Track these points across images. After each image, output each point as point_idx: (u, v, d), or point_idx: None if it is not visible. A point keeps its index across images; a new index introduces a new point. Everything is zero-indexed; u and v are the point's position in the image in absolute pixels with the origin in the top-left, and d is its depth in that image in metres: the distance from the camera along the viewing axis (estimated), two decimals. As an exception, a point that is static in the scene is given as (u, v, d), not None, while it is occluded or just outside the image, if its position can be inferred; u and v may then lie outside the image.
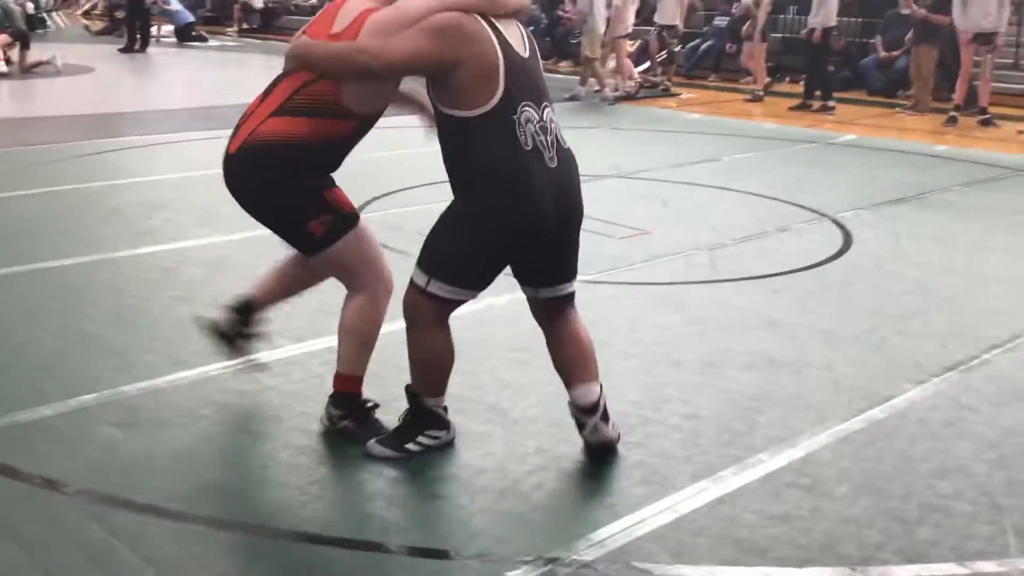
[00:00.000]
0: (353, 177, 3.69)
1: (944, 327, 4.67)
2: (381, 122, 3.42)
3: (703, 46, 15.64)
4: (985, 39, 10.78)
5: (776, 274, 5.47)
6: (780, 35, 15.41)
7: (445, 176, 3.25)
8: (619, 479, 3.24)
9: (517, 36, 3.12)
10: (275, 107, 3.18)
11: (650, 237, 6.17)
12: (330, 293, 4.87)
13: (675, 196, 7.36)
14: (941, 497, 3.14)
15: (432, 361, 3.22)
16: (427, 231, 3.26)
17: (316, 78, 3.12)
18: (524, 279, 3.29)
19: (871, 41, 13.89)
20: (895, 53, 13.20)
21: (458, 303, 3.20)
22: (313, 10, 21.32)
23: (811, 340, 4.49)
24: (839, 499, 3.11)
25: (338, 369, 3.41)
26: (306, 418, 3.54)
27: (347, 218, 3.33)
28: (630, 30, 12.98)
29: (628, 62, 13.13)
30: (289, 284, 3.66)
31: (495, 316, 4.64)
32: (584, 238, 4.24)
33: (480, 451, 3.37)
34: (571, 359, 3.32)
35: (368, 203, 6.84)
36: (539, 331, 4.10)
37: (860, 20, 13.93)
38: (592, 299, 4.97)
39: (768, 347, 4.38)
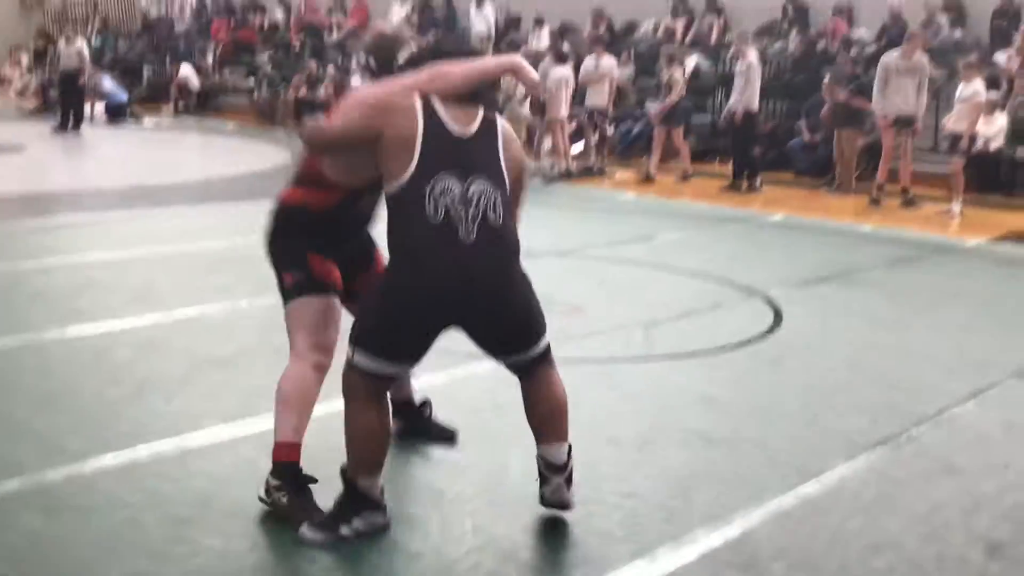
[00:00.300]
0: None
1: (873, 402, 4.76)
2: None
3: (635, 129, 16.01)
4: (905, 123, 11.23)
5: (710, 351, 5.55)
6: (709, 117, 15.88)
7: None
8: (558, 559, 3.22)
9: (463, 116, 3.21)
10: (291, 177, 3.63)
11: (586, 315, 6.23)
12: (260, 376, 4.82)
13: (610, 274, 7.46)
14: (874, 573, 3.17)
15: (366, 438, 3.19)
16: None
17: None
18: (483, 348, 3.36)
19: (797, 123, 14.36)
20: (818, 137, 13.66)
21: (386, 377, 3.22)
22: (249, 92, 21.48)
23: (745, 416, 4.54)
24: (775, 577, 3.13)
25: (275, 439, 3.39)
26: (237, 504, 3.46)
27: (315, 284, 3.48)
28: (564, 112, 13.27)
29: (565, 142, 13.41)
30: None
31: (430, 394, 4.61)
32: None
33: (416, 534, 3.33)
34: (542, 417, 3.39)
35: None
36: (475, 408, 4.09)
37: (786, 103, 14.41)
38: (529, 378, 5.00)
39: (703, 424, 4.42)
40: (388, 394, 3.33)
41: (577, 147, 13.72)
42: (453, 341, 5.53)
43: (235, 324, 5.70)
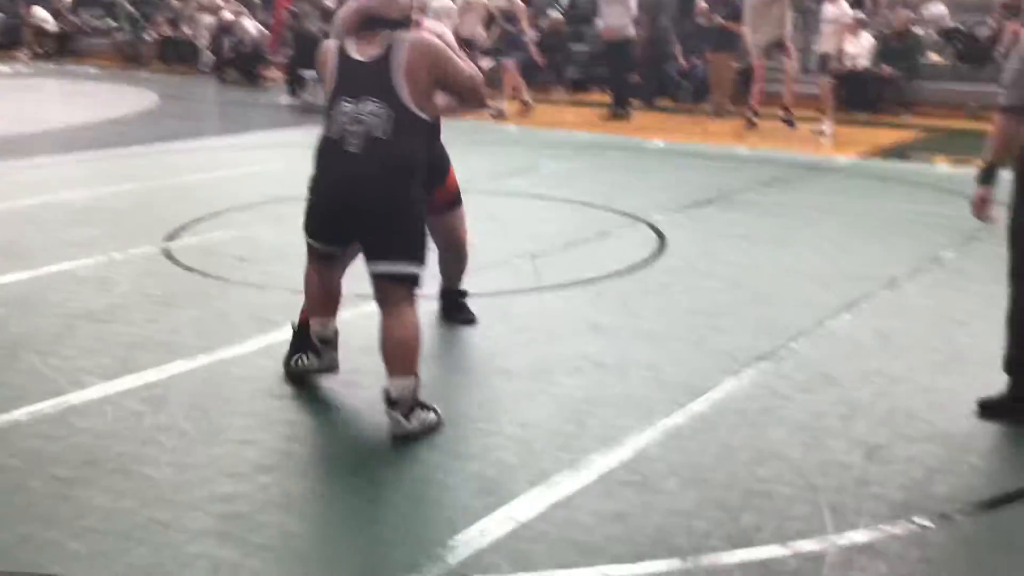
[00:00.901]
0: (166, 203, 3.53)
1: (755, 320, 4.91)
2: (194, 144, 3.30)
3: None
4: (775, 45, 11.45)
5: (597, 279, 5.62)
6: (587, 48, 15.89)
7: (261, 199, 3.19)
8: (458, 492, 3.24)
9: (366, 47, 3.67)
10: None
11: (473, 249, 6.21)
12: (138, 328, 4.68)
13: (496, 207, 7.44)
14: (761, 482, 3.29)
15: (308, 288, 4.02)
16: (243, 254, 3.18)
17: None
18: (361, 247, 3.84)
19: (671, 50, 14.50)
20: (695, 61, 13.84)
21: (315, 250, 3.89)
22: (108, 33, 20.44)
23: (634, 341, 4.63)
24: (668, 493, 3.22)
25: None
26: (123, 460, 3.36)
27: None
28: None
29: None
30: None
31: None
32: None
33: (315, 475, 3.30)
34: (384, 352, 3.69)
35: (183, 227, 6.60)
36: (368, 350, 4.05)
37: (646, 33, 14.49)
38: (420, 314, 4.97)
39: (594, 350, 4.49)
40: (333, 265, 3.96)
41: None
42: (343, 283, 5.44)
43: (108, 277, 5.48)
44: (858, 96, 12.91)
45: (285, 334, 4.25)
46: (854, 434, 3.66)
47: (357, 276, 3.97)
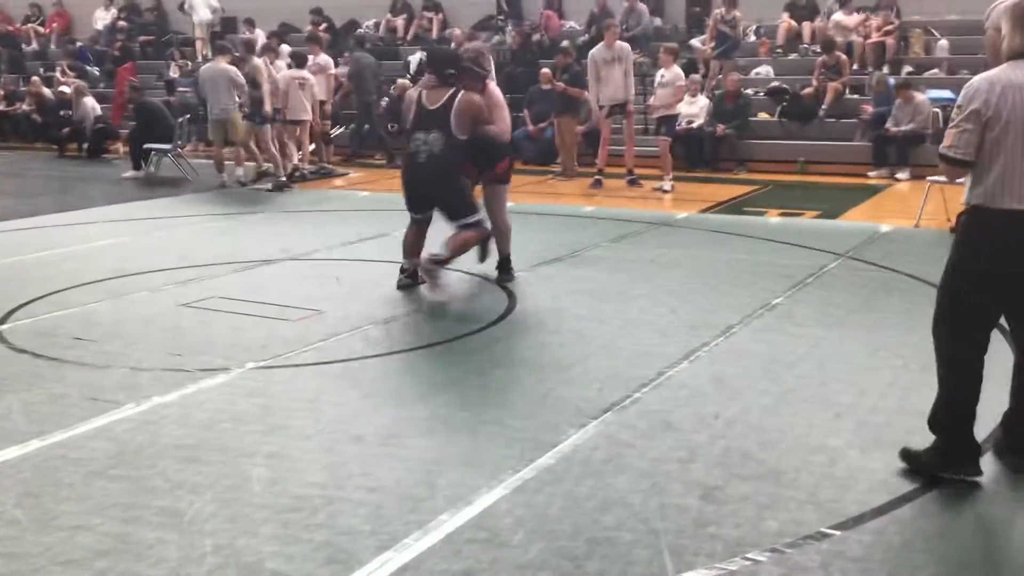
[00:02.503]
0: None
1: (600, 372, 5.06)
2: (31, 222, 3.21)
3: (366, 126, 16.01)
4: (620, 108, 11.93)
5: (449, 340, 5.68)
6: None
7: (101, 276, 3.14)
8: (304, 563, 3.21)
9: (436, 97, 6.71)
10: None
11: (324, 316, 6.20)
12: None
13: (347, 274, 7.45)
14: (605, 530, 3.39)
15: (404, 239, 7.01)
16: (79, 334, 3.10)
17: None
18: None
19: (519, 115, 14.90)
20: (542, 125, 14.25)
21: (413, 218, 6.93)
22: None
23: (483, 399, 4.70)
24: (516, 547, 3.28)
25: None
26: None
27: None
28: (305, 115, 13.03)
29: (292, 146, 13.18)
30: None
31: (162, 416, 4.46)
32: (257, 323, 4.27)
33: (152, 559, 3.21)
34: (452, 241, 6.71)
35: (16, 309, 6.34)
36: (211, 423, 3.99)
37: (508, 96, 14.89)
38: (268, 384, 4.93)
39: (444, 411, 4.54)
40: (422, 226, 6.91)
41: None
42: (185, 359, 5.35)
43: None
44: (696, 154, 13.55)
45: (123, 413, 4.15)
46: (692, 477, 3.80)
47: (207, 349, 3.90)
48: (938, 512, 3.52)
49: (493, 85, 7.15)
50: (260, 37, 16.80)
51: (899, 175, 12.33)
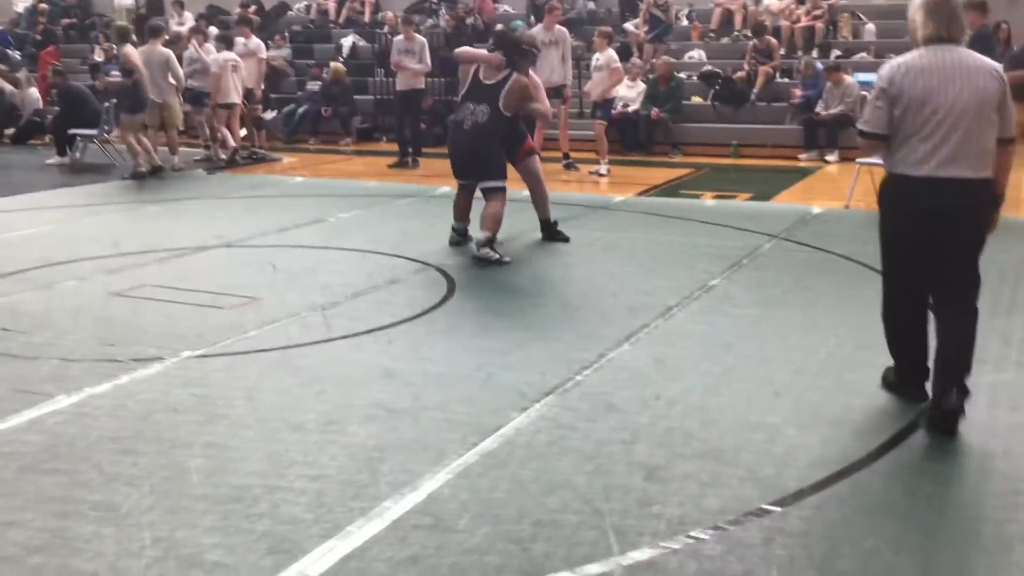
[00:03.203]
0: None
1: (541, 356, 5.06)
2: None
3: (299, 111, 15.80)
4: (556, 92, 11.92)
5: (389, 325, 5.64)
6: (372, 97, 16.00)
7: (25, 265, 3.03)
8: (246, 554, 3.15)
9: (492, 74, 7.43)
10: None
11: (261, 304, 6.10)
12: None
13: (284, 260, 7.34)
14: (550, 512, 3.39)
15: (455, 204, 7.89)
16: (5, 325, 2.99)
17: None
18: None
19: (454, 99, 14.82)
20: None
21: (460, 184, 7.77)
22: None
23: (425, 385, 4.67)
24: (461, 532, 3.26)
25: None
26: None
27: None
28: (235, 98, 12.80)
29: (226, 131, 12.95)
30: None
31: (96, 407, 4.35)
32: (191, 311, 4.28)
33: (89, 553, 3.13)
34: (482, 216, 7.27)
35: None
36: (147, 414, 3.92)
37: (444, 80, 14.82)
38: (204, 373, 4.84)
39: (385, 397, 4.50)
40: (469, 191, 7.72)
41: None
42: (117, 349, 5.23)
43: None
44: (631, 138, 13.63)
45: (54, 406, 4.04)
46: (635, 457, 3.83)
47: (140, 339, 3.81)
48: (876, 487, 3.59)
49: (531, 71, 7.83)
50: (188, 20, 16.47)
51: (829, 157, 12.57)
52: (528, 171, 7.92)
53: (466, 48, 8.10)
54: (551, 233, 7.95)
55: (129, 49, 11.76)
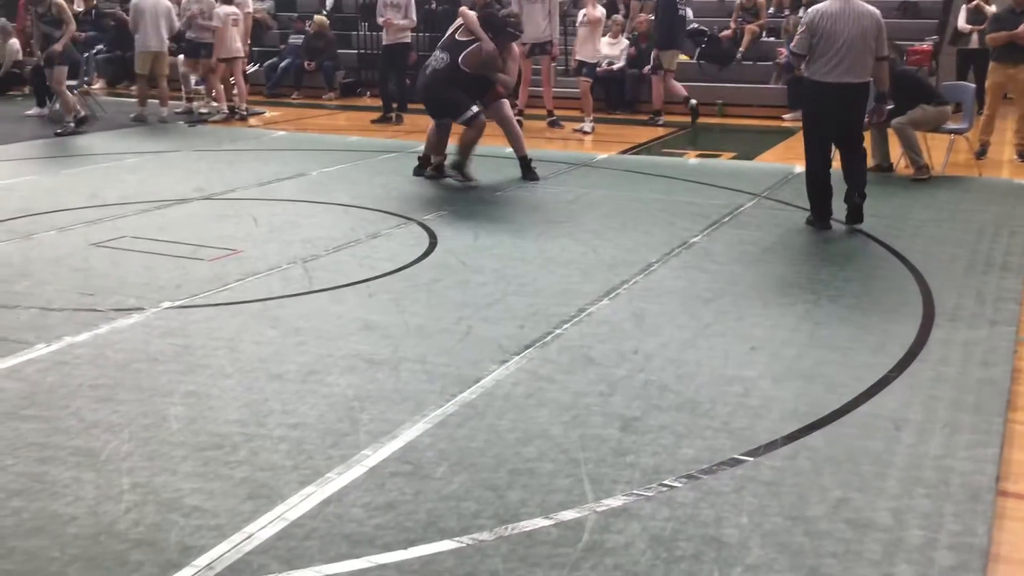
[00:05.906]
0: None
1: (522, 309, 5.09)
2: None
3: (282, 64, 15.64)
4: (541, 49, 11.85)
5: (370, 279, 5.65)
6: (356, 51, 15.85)
7: (4, 215, 3.03)
8: (225, 499, 3.19)
9: (466, 33, 8.22)
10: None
11: (242, 256, 6.10)
12: None
13: (265, 213, 7.32)
14: (526, 461, 3.44)
15: (428, 137, 8.88)
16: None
17: None
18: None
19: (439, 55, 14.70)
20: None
21: (435, 122, 8.69)
22: None
23: (405, 337, 4.70)
24: (438, 479, 3.31)
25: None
26: None
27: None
28: (239, 50, 12.70)
29: (220, 87, 12.86)
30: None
31: (75, 356, 4.35)
32: (171, 263, 4.42)
33: (69, 497, 3.16)
34: (460, 137, 8.39)
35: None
36: (126, 363, 3.92)
37: (428, 35, 14.68)
38: (185, 324, 4.86)
39: (366, 348, 4.53)
40: (441, 128, 8.61)
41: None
42: (97, 299, 5.23)
43: None
44: (616, 96, 13.57)
45: (34, 354, 4.04)
46: (612, 409, 3.88)
47: (120, 289, 3.80)
48: (847, 439, 3.65)
49: (514, 44, 8.73)
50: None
51: (813, 118, 12.56)
52: (499, 116, 8.68)
53: (475, 20, 8.37)
54: (526, 169, 8.72)
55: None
